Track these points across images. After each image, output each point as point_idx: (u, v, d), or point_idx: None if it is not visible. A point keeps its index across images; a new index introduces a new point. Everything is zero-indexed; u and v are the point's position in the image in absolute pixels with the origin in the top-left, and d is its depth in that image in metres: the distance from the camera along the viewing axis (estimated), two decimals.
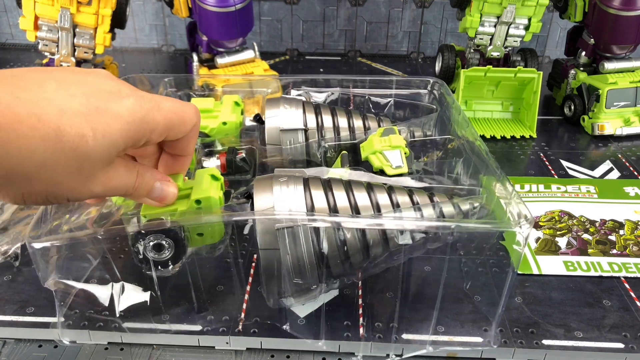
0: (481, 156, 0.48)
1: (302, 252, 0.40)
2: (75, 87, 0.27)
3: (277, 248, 0.39)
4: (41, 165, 0.26)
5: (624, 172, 0.71)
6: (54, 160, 0.26)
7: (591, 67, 0.84)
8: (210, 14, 0.75)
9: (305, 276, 0.41)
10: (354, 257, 0.41)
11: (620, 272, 0.53)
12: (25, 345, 0.45)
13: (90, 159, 0.27)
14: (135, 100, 0.28)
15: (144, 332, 0.44)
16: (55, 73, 0.27)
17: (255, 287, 0.49)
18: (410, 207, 0.42)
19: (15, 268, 0.51)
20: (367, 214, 0.41)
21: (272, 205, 0.40)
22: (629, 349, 0.44)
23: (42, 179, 0.26)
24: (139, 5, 1.06)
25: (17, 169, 0.25)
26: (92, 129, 0.26)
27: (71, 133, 0.26)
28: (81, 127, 0.26)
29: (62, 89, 0.26)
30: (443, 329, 0.45)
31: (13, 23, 1.08)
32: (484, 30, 0.81)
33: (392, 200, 0.42)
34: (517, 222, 0.38)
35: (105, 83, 0.28)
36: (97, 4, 0.73)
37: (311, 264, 0.40)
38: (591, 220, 0.61)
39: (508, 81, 0.79)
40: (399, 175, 0.48)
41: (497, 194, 0.42)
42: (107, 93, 0.28)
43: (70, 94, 0.27)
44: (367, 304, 0.47)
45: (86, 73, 0.29)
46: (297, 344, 0.44)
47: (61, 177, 0.27)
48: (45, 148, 0.25)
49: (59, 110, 0.26)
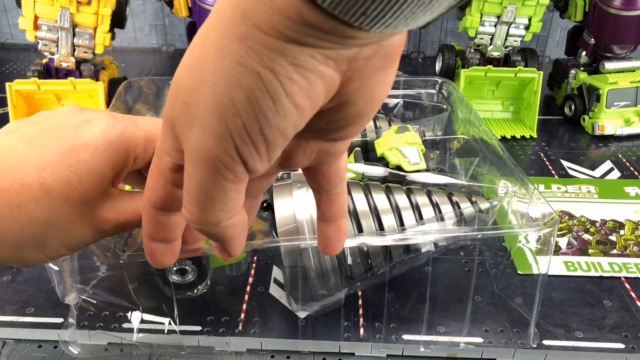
0: (497, 154, 0.48)
1: (327, 268, 0.40)
2: (42, 137, 0.26)
3: (302, 265, 0.40)
4: (45, 225, 0.26)
5: (624, 172, 0.71)
6: (54, 216, 0.26)
7: (591, 67, 0.84)
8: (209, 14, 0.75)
9: (330, 287, 0.41)
10: (377, 264, 0.42)
11: (621, 272, 0.53)
12: (25, 345, 0.45)
13: (86, 202, 0.26)
14: (106, 122, 0.27)
15: (144, 333, 0.44)
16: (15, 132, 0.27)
17: (255, 288, 0.49)
18: (430, 207, 0.42)
19: (15, 268, 0.51)
20: (391, 225, 0.41)
21: (293, 212, 0.40)
22: (629, 349, 0.44)
23: (52, 236, 0.26)
24: (139, 5, 1.06)
25: (24, 237, 0.25)
26: (75, 172, 0.26)
27: (57, 185, 0.25)
28: (64, 175, 0.26)
29: (30, 147, 0.26)
30: (443, 329, 0.45)
31: (13, 23, 1.08)
32: (484, 30, 0.81)
33: (412, 202, 0.42)
34: (544, 223, 0.38)
35: (69, 119, 0.27)
36: (97, 4, 0.73)
37: (336, 276, 0.41)
38: (591, 221, 0.60)
39: (508, 81, 0.79)
40: (417, 171, 0.48)
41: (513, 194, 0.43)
42: (75, 128, 0.27)
43: (40, 147, 0.26)
44: (367, 305, 0.47)
45: (47, 117, 0.28)
46: (297, 344, 0.44)
47: (68, 229, 0.26)
48: (41, 209, 0.25)
49: (36, 169, 0.25)
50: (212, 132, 0.19)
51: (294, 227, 0.40)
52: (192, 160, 0.20)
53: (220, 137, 0.19)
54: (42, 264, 0.28)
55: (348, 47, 0.18)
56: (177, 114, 0.20)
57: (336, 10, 0.16)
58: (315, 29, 0.17)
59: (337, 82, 0.19)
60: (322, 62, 0.18)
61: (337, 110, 0.21)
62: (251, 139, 0.19)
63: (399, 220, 0.42)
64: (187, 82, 0.19)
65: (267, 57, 0.17)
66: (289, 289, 0.43)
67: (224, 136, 0.19)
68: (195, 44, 0.19)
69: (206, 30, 0.19)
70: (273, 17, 0.17)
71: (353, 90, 0.20)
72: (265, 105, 0.18)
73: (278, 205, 0.40)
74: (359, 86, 0.20)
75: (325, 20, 0.16)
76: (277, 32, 0.17)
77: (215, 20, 0.18)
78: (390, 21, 0.16)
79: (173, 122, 0.21)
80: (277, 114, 0.18)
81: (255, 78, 0.18)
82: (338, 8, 0.16)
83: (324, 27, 0.17)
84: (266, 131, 0.19)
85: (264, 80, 0.18)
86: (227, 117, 0.18)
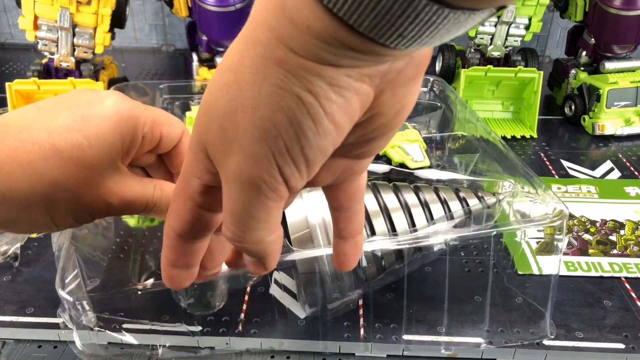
0: (498, 149, 0.48)
1: (342, 272, 0.40)
2: (54, 107, 0.28)
3: (316, 272, 0.40)
4: (54, 185, 0.26)
5: (624, 172, 0.71)
6: (63, 176, 0.26)
7: (592, 67, 0.84)
8: (210, 14, 0.75)
9: (345, 290, 0.41)
10: (389, 264, 0.42)
11: (621, 272, 0.52)
12: (25, 345, 0.45)
13: (94, 167, 0.27)
14: (117, 97, 0.28)
15: (144, 333, 0.44)
16: (31, 105, 0.28)
17: (255, 288, 0.49)
18: (438, 204, 0.42)
19: (15, 268, 0.51)
20: (402, 224, 0.41)
21: (304, 216, 0.40)
22: (629, 349, 0.44)
23: (60, 199, 0.26)
24: (139, 5, 1.06)
25: (34, 195, 0.26)
26: (85, 136, 0.26)
27: (67, 147, 0.26)
28: (74, 138, 0.26)
29: (42, 113, 0.27)
30: (444, 329, 0.45)
31: (12, 23, 1.08)
32: (484, 29, 0.81)
33: (420, 199, 0.43)
34: (557, 216, 0.39)
35: (82, 95, 0.29)
36: (97, 4, 0.73)
37: (350, 279, 0.41)
38: (592, 221, 0.60)
39: (508, 81, 0.79)
40: (421, 168, 0.48)
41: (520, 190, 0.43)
42: (87, 101, 0.28)
43: (52, 114, 0.27)
44: (367, 305, 0.47)
45: (61, 95, 0.29)
46: (297, 344, 0.44)
47: (76, 193, 0.27)
48: (51, 167, 0.26)
49: (46, 130, 0.26)
50: (254, 156, 0.19)
51: (307, 233, 0.40)
52: (233, 183, 0.20)
53: (262, 160, 0.19)
54: (50, 231, 0.28)
55: (382, 63, 0.18)
56: (212, 138, 0.20)
57: (373, 33, 0.16)
58: (352, 50, 0.17)
59: (371, 96, 0.19)
60: (357, 79, 0.18)
61: (368, 122, 0.21)
62: (293, 159, 0.19)
63: (409, 218, 0.42)
64: (222, 106, 0.20)
65: (306, 79, 0.18)
66: (302, 295, 0.42)
67: (266, 158, 0.19)
68: (228, 67, 0.19)
69: (239, 55, 0.19)
70: (310, 41, 0.17)
71: (385, 102, 0.20)
72: (306, 126, 0.18)
73: (289, 210, 0.40)
74: (391, 97, 0.20)
75: (362, 43, 0.17)
76: (315, 56, 0.17)
77: (248, 45, 0.19)
78: (426, 40, 0.17)
79: (207, 145, 0.21)
80: (317, 134, 0.19)
81: (295, 101, 0.18)
82: (375, 31, 0.16)
83: (361, 49, 0.17)
84: (307, 151, 0.19)
85: (304, 102, 0.18)
86: (269, 139, 0.19)
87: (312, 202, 0.40)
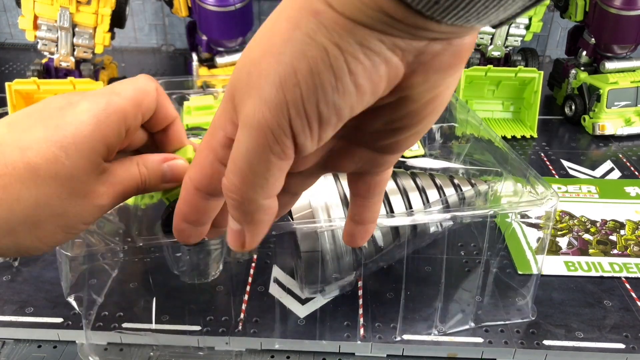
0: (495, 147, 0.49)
1: (342, 251, 0.41)
2: (25, 120, 0.26)
3: (318, 250, 0.41)
4: (35, 206, 0.25)
5: (624, 172, 0.71)
6: (44, 195, 0.25)
7: (592, 67, 0.84)
8: (210, 14, 0.75)
9: (345, 270, 0.42)
10: (385, 245, 0.44)
11: (621, 272, 0.52)
12: (25, 345, 0.45)
13: (77, 178, 0.26)
14: (89, 99, 0.27)
15: (144, 333, 0.44)
16: (1, 120, 0.27)
17: (255, 287, 0.49)
18: (434, 189, 0.44)
19: (15, 268, 0.51)
20: (400, 206, 0.43)
21: (308, 201, 0.41)
22: (629, 349, 0.44)
23: (45, 218, 0.25)
24: (139, 5, 1.06)
25: (15, 220, 0.25)
26: (61, 147, 0.25)
27: (43, 163, 0.25)
28: (49, 152, 0.25)
29: (13, 130, 0.26)
30: (444, 329, 0.45)
31: (12, 23, 1.08)
32: (484, 29, 0.81)
33: (417, 185, 0.44)
34: (546, 197, 0.41)
35: (52, 102, 0.27)
36: (97, 4, 0.73)
37: (349, 258, 0.42)
38: (592, 221, 0.60)
39: (509, 81, 0.79)
40: (415, 157, 0.49)
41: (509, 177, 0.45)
42: (59, 109, 0.26)
43: (23, 129, 0.25)
44: (367, 304, 0.47)
45: (31, 107, 0.28)
46: (297, 344, 0.44)
47: (61, 208, 0.25)
48: (28, 188, 0.24)
49: (19, 148, 0.25)
50: (269, 101, 0.19)
51: (309, 213, 0.41)
52: (243, 127, 0.20)
53: (275, 107, 0.19)
54: (41, 252, 0.27)
55: (417, 39, 0.18)
56: (238, 84, 0.20)
57: None
58: (388, 15, 0.17)
59: (400, 71, 0.19)
60: (389, 48, 0.18)
61: (397, 106, 0.21)
62: (306, 112, 0.19)
63: (407, 201, 0.43)
64: (254, 52, 0.20)
65: (337, 33, 0.18)
66: (303, 274, 0.43)
67: (279, 106, 0.19)
68: (269, 19, 0.20)
69: (281, 7, 0.19)
70: None
71: (416, 85, 0.20)
72: (326, 79, 0.18)
73: None
74: (423, 81, 0.20)
75: (398, 8, 0.17)
76: (351, 13, 0.17)
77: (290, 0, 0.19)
78: (461, 13, 0.17)
79: (234, 92, 0.21)
80: (336, 90, 0.18)
81: (321, 51, 0.18)
82: None
83: (396, 15, 0.17)
84: (322, 106, 0.19)
85: (330, 54, 0.18)
86: (287, 86, 0.18)
87: (315, 187, 0.41)
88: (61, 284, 0.39)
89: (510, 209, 0.41)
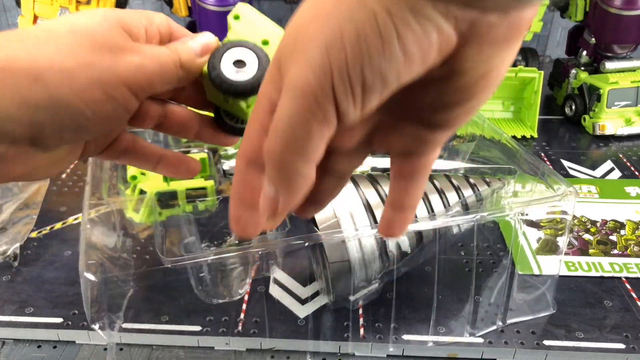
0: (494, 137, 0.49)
1: (369, 259, 0.41)
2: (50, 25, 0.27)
3: (346, 260, 0.41)
4: (56, 52, 0.25)
5: (625, 172, 0.71)
6: (65, 45, 0.25)
7: (592, 67, 0.84)
8: (210, 13, 0.75)
9: (371, 278, 0.43)
10: (412, 249, 0.44)
11: (622, 272, 0.52)
12: (25, 345, 0.45)
13: (100, 33, 0.26)
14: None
15: (144, 333, 0.44)
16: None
17: (255, 287, 0.49)
18: (453, 191, 0.45)
19: (14, 268, 0.51)
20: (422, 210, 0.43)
21: (332, 211, 0.41)
22: (630, 349, 0.44)
23: (74, 66, 0.25)
24: (139, 5, 1.06)
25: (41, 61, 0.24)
26: (88, 15, 0.26)
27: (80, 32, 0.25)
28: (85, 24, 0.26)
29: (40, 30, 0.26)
30: (444, 329, 0.45)
31: (12, 23, 1.08)
32: None
33: (436, 187, 0.44)
34: (565, 194, 0.42)
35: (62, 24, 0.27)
36: (97, 3, 0.73)
37: (376, 266, 0.42)
38: (592, 221, 0.60)
39: (509, 81, 0.79)
40: None
41: None
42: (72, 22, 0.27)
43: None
44: (367, 305, 0.47)
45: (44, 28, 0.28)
46: (297, 344, 0.44)
47: (88, 58, 0.25)
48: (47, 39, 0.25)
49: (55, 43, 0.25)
50: (313, 64, 0.18)
51: (334, 222, 0.41)
52: (286, 91, 0.19)
53: (319, 70, 0.18)
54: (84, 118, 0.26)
55: (472, 7, 0.18)
56: (285, 49, 0.20)
57: None
58: None
59: (453, 41, 0.18)
60: (442, 15, 0.18)
61: (447, 80, 0.20)
62: (350, 77, 0.18)
63: (428, 205, 0.44)
64: (302, 18, 0.19)
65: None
66: (331, 284, 0.43)
67: (323, 70, 0.18)
68: None
69: None
70: None
71: (469, 57, 0.19)
72: (372, 43, 0.18)
73: None
74: (476, 53, 0.19)
75: None
76: None
77: None
78: None
79: (281, 58, 0.20)
80: (382, 55, 0.18)
81: (369, 15, 0.17)
82: None
83: None
84: (367, 71, 0.18)
85: (378, 18, 0.17)
86: (332, 51, 0.18)
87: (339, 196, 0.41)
88: (84, 309, 0.39)
89: (535, 206, 0.41)
